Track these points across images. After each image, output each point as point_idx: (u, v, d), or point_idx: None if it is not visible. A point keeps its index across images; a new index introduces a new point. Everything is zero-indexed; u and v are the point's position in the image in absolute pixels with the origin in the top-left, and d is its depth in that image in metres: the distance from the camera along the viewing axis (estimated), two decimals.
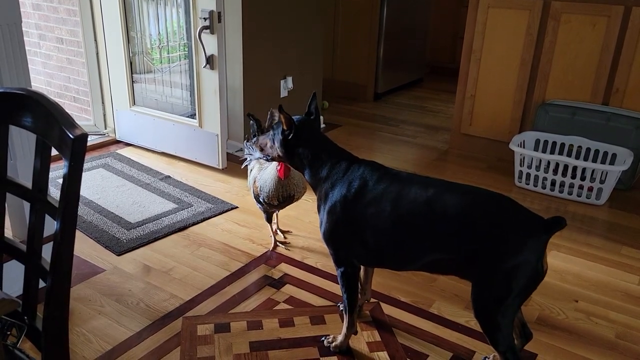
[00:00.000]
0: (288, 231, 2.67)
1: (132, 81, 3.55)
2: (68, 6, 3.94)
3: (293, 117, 1.78)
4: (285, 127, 1.77)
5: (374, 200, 1.65)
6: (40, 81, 4.38)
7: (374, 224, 1.65)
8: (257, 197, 2.45)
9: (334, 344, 1.88)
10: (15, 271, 1.39)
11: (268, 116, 2.54)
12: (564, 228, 1.54)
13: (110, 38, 3.50)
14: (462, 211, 1.56)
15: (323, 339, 1.92)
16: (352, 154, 1.81)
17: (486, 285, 1.57)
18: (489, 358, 1.86)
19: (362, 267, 1.94)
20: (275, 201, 2.36)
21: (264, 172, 2.39)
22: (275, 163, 2.29)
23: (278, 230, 2.64)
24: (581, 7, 3.22)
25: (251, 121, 2.58)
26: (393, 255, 1.69)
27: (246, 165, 2.63)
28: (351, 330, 1.86)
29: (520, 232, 1.52)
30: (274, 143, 1.85)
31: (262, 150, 1.92)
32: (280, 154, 1.85)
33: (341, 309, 2.01)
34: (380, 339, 1.95)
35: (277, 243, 2.56)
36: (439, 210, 1.57)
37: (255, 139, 2.24)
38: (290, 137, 1.78)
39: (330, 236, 1.75)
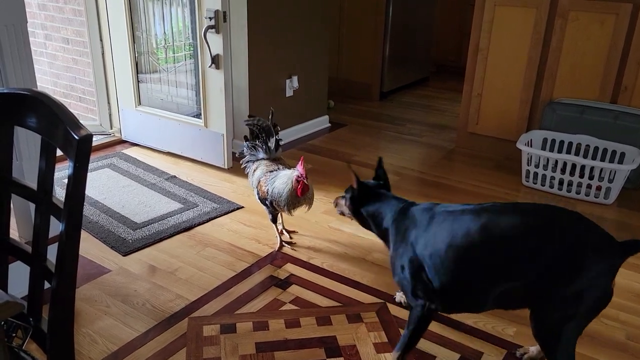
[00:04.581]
0: (294, 231, 2.66)
1: (138, 81, 3.55)
2: (74, 6, 3.95)
3: (362, 182, 1.91)
4: (354, 186, 1.91)
5: (429, 242, 1.65)
6: (47, 81, 4.39)
7: (434, 265, 1.63)
8: (263, 200, 2.45)
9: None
10: (20, 272, 1.39)
11: (270, 116, 2.57)
12: None
13: (115, 38, 3.50)
14: (523, 232, 1.53)
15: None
16: (408, 201, 1.85)
17: (552, 308, 1.53)
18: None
19: None
20: (287, 211, 2.38)
21: (276, 181, 2.38)
22: (288, 174, 2.34)
23: (284, 231, 2.63)
24: (589, 5, 3.19)
25: (247, 123, 2.62)
26: (458, 294, 1.66)
27: (245, 166, 2.66)
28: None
29: (595, 256, 1.48)
30: (344, 202, 1.99)
31: (336, 205, 2.07)
32: (349, 211, 1.97)
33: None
34: (387, 340, 1.93)
35: (283, 243, 2.55)
36: (497, 235, 1.55)
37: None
38: (355, 197, 1.92)
39: (399, 282, 1.77)
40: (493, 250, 1.55)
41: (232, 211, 2.86)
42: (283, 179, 2.35)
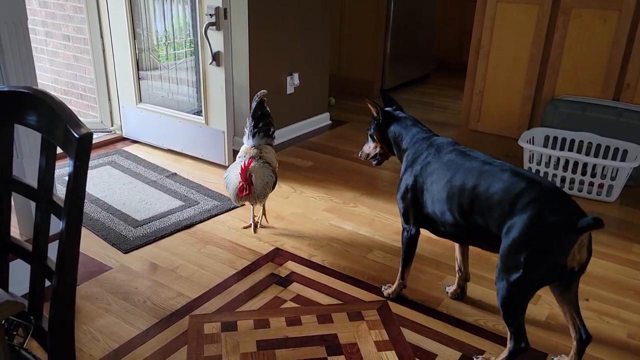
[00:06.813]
0: (262, 226, 2.71)
1: (139, 78, 3.54)
2: (74, 3, 3.94)
3: (382, 108, 2.15)
4: (375, 115, 2.13)
5: (437, 171, 1.88)
6: (47, 78, 4.39)
7: (431, 191, 1.89)
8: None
9: (389, 290, 2.17)
10: (20, 270, 1.38)
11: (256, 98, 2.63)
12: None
13: (116, 35, 3.50)
14: (505, 188, 1.67)
15: (382, 287, 2.22)
16: (430, 130, 2.07)
17: (505, 262, 1.64)
18: (477, 359, 1.86)
19: (457, 248, 2.14)
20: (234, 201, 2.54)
21: (231, 170, 2.46)
22: (238, 170, 2.39)
23: (259, 223, 2.69)
24: (592, 2, 3.18)
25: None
26: (441, 222, 1.88)
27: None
28: (401, 283, 2.14)
29: (549, 225, 1.57)
30: (369, 138, 2.21)
31: (367, 155, 2.25)
32: (376, 138, 2.18)
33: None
34: (388, 338, 1.93)
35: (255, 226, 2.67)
36: (484, 186, 1.73)
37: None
38: (380, 121, 2.14)
39: (400, 198, 2.02)
40: (472, 195, 1.75)
41: (233, 209, 2.86)
42: (235, 172, 2.42)
